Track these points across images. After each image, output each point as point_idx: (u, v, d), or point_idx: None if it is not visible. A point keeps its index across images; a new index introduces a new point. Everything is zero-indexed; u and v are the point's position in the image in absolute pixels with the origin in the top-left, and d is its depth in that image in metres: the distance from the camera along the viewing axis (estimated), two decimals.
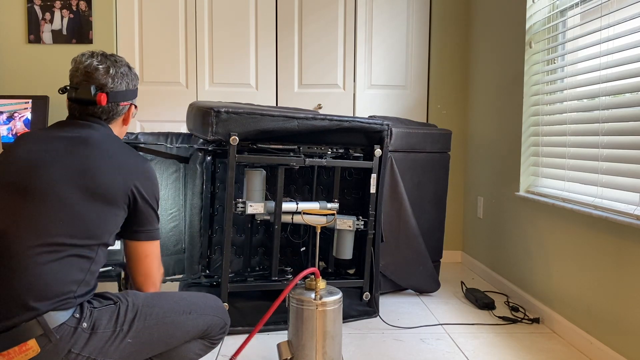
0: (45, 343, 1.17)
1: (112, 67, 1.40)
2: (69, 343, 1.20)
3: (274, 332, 2.21)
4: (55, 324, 1.19)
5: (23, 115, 3.09)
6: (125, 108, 1.45)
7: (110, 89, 1.39)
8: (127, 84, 1.44)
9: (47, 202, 1.23)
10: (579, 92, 2.17)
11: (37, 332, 1.17)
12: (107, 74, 1.38)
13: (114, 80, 1.39)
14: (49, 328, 1.18)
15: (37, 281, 1.19)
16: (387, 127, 2.32)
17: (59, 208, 1.23)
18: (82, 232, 1.25)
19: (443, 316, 2.43)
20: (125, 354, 1.29)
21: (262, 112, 2.09)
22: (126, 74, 1.44)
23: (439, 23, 3.41)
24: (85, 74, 1.37)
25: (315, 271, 1.77)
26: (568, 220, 2.15)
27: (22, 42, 3.25)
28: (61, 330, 1.19)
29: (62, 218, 1.23)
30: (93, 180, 1.27)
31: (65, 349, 1.19)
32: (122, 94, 1.42)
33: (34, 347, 1.16)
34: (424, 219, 2.77)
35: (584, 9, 2.17)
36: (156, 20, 3.30)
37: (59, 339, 1.18)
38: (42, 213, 1.22)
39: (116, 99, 1.40)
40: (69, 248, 1.24)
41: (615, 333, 1.84)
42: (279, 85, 3.38)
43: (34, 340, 1.16)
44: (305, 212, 2.28)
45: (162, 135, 2.37)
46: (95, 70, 1.37)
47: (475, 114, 3.28)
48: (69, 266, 1.24)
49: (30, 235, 1.21)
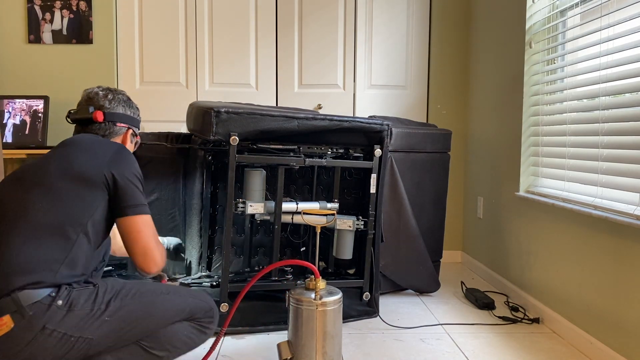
0: (19, 319, 1.26)
1: (110, 93, 1.61)
2: (42, 319, 1.28)
3: (274, 332, 2.21)
4: (29, 301, 1.27)
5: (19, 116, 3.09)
6: (122, 129, 1.61)
7: (106, 109, 1.58)
8: (124, 109, 1.62)
9: (35, 188, 1.38)
10: (579, 92, 2.17)
11: (11, 309, 1.25)
12: (105, 97, 1.59)
13: (111, 102, 1.59)
14: (22, 305, 1.26)
15: (15, 259, 1.29)
16: (387, 127, 2.32)
17: (44, 192, 1.37)
18: (64, 213, 1.36)
19: (443, 316, 2.43)
20: (104, 333, 1.36)
21: (262, 112, 2.09)
22: (124, 100, 1.63)
23: (439, 23, 3.41)
24: (87, 99, 1.58)
25: (307, 265, 1.78)
26: (568, 220, 2.15)
27: (22, 42, 3.25)
28: (35, 307, 1.27)
29: (45, 200, 1.36)
30: (72, 166, 1.41)
31: (39, 324, 1.27)
32: (118, 115, 1.59)
33: (7, 323, 1.25)
34: (424, 219, 2.77)
35: (584, 9, 2.17)
36: (156, 20, 3.30)
37: (32, 315, 1.26)
38: (27, 198, 1.36)
39: (112, 119, 1.58)
40: (49, 228, 1.34)
41: (615, 333, 1.84)
42: (279, 85, 3.38)
43: (9, 316, 1.25)
44: (305, 212, 2.28)
45: (162, 135, 2.38)
46: (96, 94, 1.59)
47: (475, 114, 3.28)
48: (48, 245, 1.33)
49: (16, 216, 1.34)
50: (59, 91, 3.27)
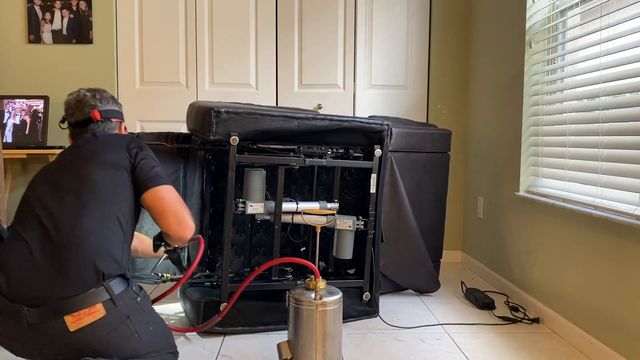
0: (110, 307, 1.34)
1: (97, 93, 1.71)
2: (127, 311, 1.38)
3: (274, 332, 2.21)
4: (119, 291, 1.37)
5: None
6: (116, 124, 1.73)
7: (100, 108, 1.68)
8: (112, 105, 1.73)
9: (79, 186, 1.47)
10: (579, 92, 2.17)
11: (104, 297, 1.33)
12: (94, 97, 1.69)
13: (101, 101, 1.69)
14: (115, 294, 1.35)
15: (98, 247, 1.38)
16: (387, 127, 2.32)
17: (90, 187, 1.47)
18: (107, 197, 1.46)
19: (443, 316, 2.43)
20: (147, 340, 1.43)
21: (262, 112, 2.09)
22: (110, 97, 1.74)
23: (439, 23, 3.41)
24: (77, 102, 1.67)
25: (307, 264, 1.78)
26: (568, 220, 2.15)
27: (22, 42, 3.25)
28: (123, 298, 1.37)
29: (94, 193, 1.46)
30: (102, 158, 1.53)
31: (125, 315, 1.37)
32: (111, 111, 1.71)
33: (100, 310, 1.32)
34: (424, 219, 2.77)
35: (584, 9, 2.17)
36: (156, 20, 3.30)
37: (121, 304, 1.36)
38: (78, 195, 1.45)
39: (107, 115, 1.69)
40: (109, 218, 1.44)
41: (615, 333, 1.84)
42: (279, 85, 3.38)
43: (101, 304, 1.33)
44: (305, 212, 2.28)
45: (162, 135, 2.38)
46: (84, 96, 1.68)
47: (475, 114, 3.28)
48: (112, 233, 1.43)
49: (77, 211, 1.42)
50: (59, 91, 3.27)
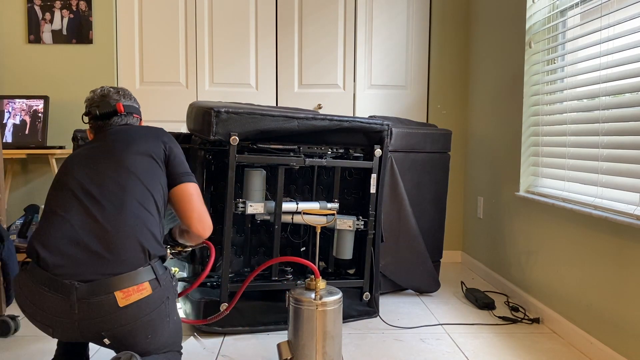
0: (155, 286, 1.41)
1: (120, 90, 1.79)
2: (169, 291, 1.45)
3: (274, 332, 2.21)
4: (161, 271, 1.45)
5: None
6: (137, 120, 1.80)
7: (123, 102, 1.76)
8: (134, 101, 1.81)
9: (118, 170, 1.54)
10: (579, 92, 2.17)
11: (151, 276, 1.41)
12: (117, 93, 1.77)
13: (124, 97, 1.78)
14: (160, 274, 1.43)
15: (143, 228, 1.46)
16: (387, 127, 2.32)
17: (130, 169, 1.55)
18: (146, 181, 1.54)
19: (443, 316, 2.43)
20: (170, 329, 1.50)
21: (262, 112, 2.09)
22: (131, 95, 1.82)
23: (439, 23, 3.41)
24: (101, 97, 1.75)
25: (308, 263, 1.78)
26: (568, 220, 2.15)
27: (22, 42, 3.25)
28: (165, 279, 1.45)
29: (132, 177, 1.53)
30: (138, 147, 1.61)
31: (165, 295, 1.44)
32: (132, 107, 1.79)
33: (147, 289, 1.39)
34: (424, 219, 2.77)
35: (584, 9, 2.17)
36: (156, 20, 3.30)
37: (164, 285, 1.44)
38: (118, 178, 1.53)
39: (129, 110, 1.77)
40: (144, 198, 1.52)
41: (615, 333, 1.84)
42: (279, 85, 3.38)
43: (148, 282, 1.40)
44: (305, 212, 2.28)
45: None
46: (108, 91, 1.77)
47: (475, 114, 3.28)
48: (152, 215, 1.51)
49: (116, 194, 1.49)
50: (59, 91, 3.27)
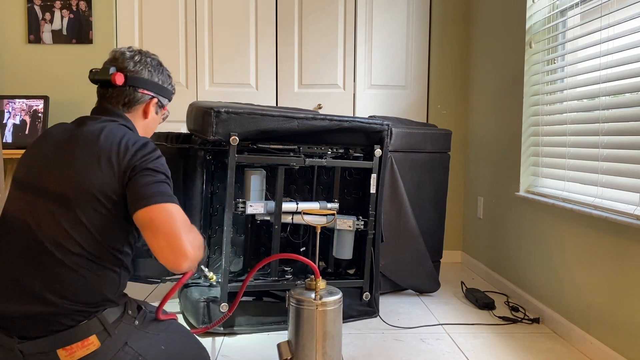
0: (105, 338, 1.23)
1: (139, 55, 1.41)
2: (124, 336, 1.26)
3: (274, 332, 2.20)
4: (113, 319, 1.25)
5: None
6: (144, 97, 1.41)
7: (129, 72, 1.38)
8: (150, 74, 1.42)
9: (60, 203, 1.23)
10: (579, 92, 2.17)
11: (98, 329, 1.22)
12: (131, 59, 1.39)
13: (136, 65, 1.39)
14: (109, 324, 1.24)
15: (78, 279, 1.22)
16: (387, 127, 2.32)
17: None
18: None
19: (443, 316, 2.42)
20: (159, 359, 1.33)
21: (262, 112, 2.09)
22: (153, 65, 1.43)
23: (439, 23, 3.41)
24: (112, 59, 1.39)
25: (308, 262, 1.76)
26: (568, 220, 2.15)
27: (22, 42, 3.25)
28: (118, 325, 1.26)
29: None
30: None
31: (122, 341, 1.25)
32: (141, 80, 1.40)
33: (94, 342, 1.22)
34: (424, 219, 2.77)
35: (584, 9, 2.17)
36: (156, 20, 3.30)
37: (117, 333, 1.25)
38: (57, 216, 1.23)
39: (134, 84, 1.38)
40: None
41: (615, 333, 1.84)
42: (279, 85, 3.38)
43: (95, 335, 1.22)
44: (305, 212, 2.28)
45: (162, 135, 2.37)
46: (122, 54, 1.39)
47: (475, 114, 3.28)
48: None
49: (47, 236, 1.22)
50: (59, 91, 3.27)
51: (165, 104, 1.50)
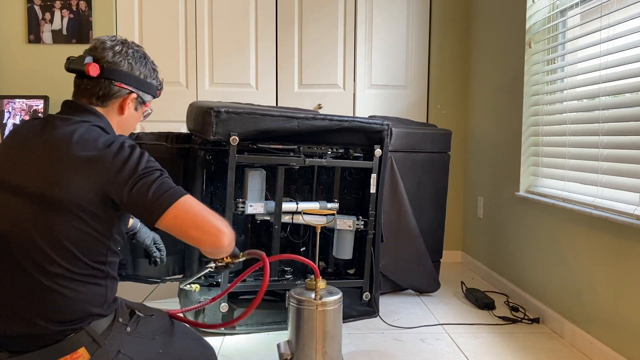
0: (94, 349, 1.18)
1: (121, 45, 1.28)
2: (117, 345, 1.21)
3: (274, 332, 2.21)
4: (102, 329, 1.19)
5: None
6: (121, 92, 1.27)
7: (106, 63, 1.24)
8: (130, 66, 1.28)
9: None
10: (579, 92, 2.17)
11: (86, 341, 1.17)
12: (111, 49, 1.26)
13: (115, 55, 1.26)
14: (98, 335, 1.18)
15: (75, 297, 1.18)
16: (387, 127, 2.32)
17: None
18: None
19: (443, 316, 2.42)
20: None
21: (262, 112, 2.09)
22: (135, 57, 1.29)
23: (439, 23, 3.41)
24: (91, 48, 1.27)
25: (308, 262, 1.74)
26: (568, 220, 2.15)
27: (22, 42, 3.25)
28: (108, 334, 1.20)
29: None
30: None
31: (114, 350, 1.20)
32: (120, 73, 1.26)
33: (84, 355, 1.17)
34: (424, 219, 2.77)
35: (584, 9, 2.17)
36: (156, 20, 3.30)
37: (108, 342, 1.19)
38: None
39: (111, 76, 1.25)
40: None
41: (616, 333, 1.84)
42: (279, 85, 3.38)
43: (84, 348, 1.17)
44: (305, 212, 2.28)
45: (162, 135, 2.37)
46: (102, 43, 1.26)
47: (475, 114, 3.28)
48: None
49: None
50: (59, 91, 3.27)
51: (147, 100, 1.37)
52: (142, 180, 1.14)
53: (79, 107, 1.26)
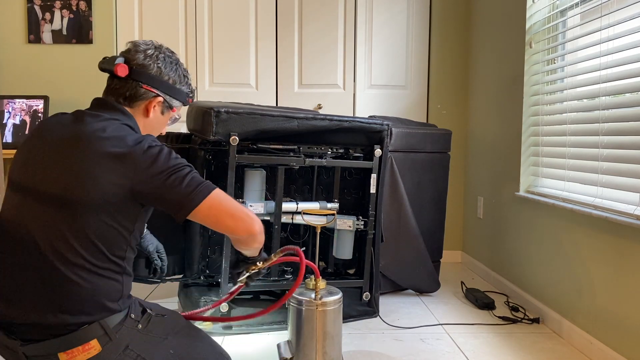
0: (106, 342, 1.20)
1: (154, 50, 1.32)
2: (126, 340, 1.23)
3: (274, 332, 2.21)
4: (114, 323, 1.22)
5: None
6: (148, 94, 1.31)
7: (135, 65, 1.29)
8: (159, 70, 1.31)
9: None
10: (579, 92, 2.17)
11: (99, 333, 1.20)
12: (144, 52, 1.30)
13: (145, 58, 1.30)
14: (110, 328, 1.21)
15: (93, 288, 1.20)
16: (387, 127, 2.32)
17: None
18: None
19: (443, 316, 2.42)
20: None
21: (262, 112, 2.09)
22: (166, 62, 1.33)
23: (439, 23, 3.41)
24: (126, 50, 1.32)
25: (308, 262, 1.73)
26: (568, 220, 2.15)
27: (22, 42, 3.25)
28: (120, 329, 1.23)
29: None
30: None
31: (123, 345, 1.23)
32: (148, 75, 1.30)
33: (95, 346, 1.19)
34: (424, 219, 2.77)
35: (584, 9, 2.17)
36: (156, 20, 3.30)
37: (119, 337, 1.22)
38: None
39: (139, 78, 1.29)
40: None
41: (615, 333, 1.84)
42: (279, 85, 3.38)
43: (96, 340, 1.19)
44: (305, 212, 2.28)
45: (161, 135, 2.37)
46: (136, 46, 1.31)
47: (475, 114, 3.28)
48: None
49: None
50: (59, 91, 3.27)
51: (175, 105, 1.39)
52: (174, 175, 1.19)
53: (109, 105, 1.30)
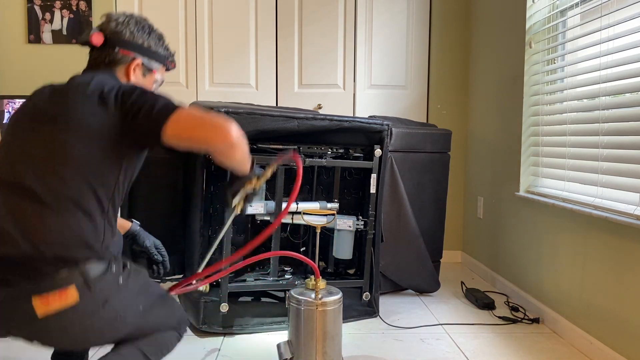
0: (84, 292, 1.15)
1: (127, 17, 1.40)
2: (105, 294, 1.18)
3: (274, 332, 2.20)
4: (95, 274, 1.17)
5: None
6: (126, 58, 1.38)
7: (110, 32, 1.37)
8: (132, 35, 1.39)
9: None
10: (579, 92, 2.17)
11: (78, 281, 1.14)
12: (115, 20, 1.38)
13: (117, 26, 1.38)
14: (90, 278, 1.16)
15: (68, 227, 1.17)
16: (387, 127, 2.32)
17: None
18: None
19: (443, 316, 2.42)
20: (135, 321, 1.27)
21: (262, 112, 2.09)
22: (138, 27, 1.41)
23: (439, 23, 3.41)
24: (100, 23, 1.40)
25: (308, 262, 1.73)
26: (568, 220, 2.15)
27: (22, 42, 3.25)
28: (101, 281, 1.18)
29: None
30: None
31: (102, 299, 1.18)
32: (122, 41, 1.37)
33: (73, 294, 1.13)
34: (424, 219, 2.77)
35: (584, 9, 2.17)
36: (156, 20, 3.30)
37: (98, 290, 1.17)
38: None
39: (114, 44, 1.36)
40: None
41: (615, 333, 1.84)
42: (279, 85, 3.38)
43: (74, 286, 1.13)
44: (305, 212, 2.28)
45: None
46: (109, 16, 1.39)
47: (475, 114, 3.28)
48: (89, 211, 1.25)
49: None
50: None
51: (153, 67, 1.46)
52: (149, 103, 1.21)
53: (94, 68, 1.38)
